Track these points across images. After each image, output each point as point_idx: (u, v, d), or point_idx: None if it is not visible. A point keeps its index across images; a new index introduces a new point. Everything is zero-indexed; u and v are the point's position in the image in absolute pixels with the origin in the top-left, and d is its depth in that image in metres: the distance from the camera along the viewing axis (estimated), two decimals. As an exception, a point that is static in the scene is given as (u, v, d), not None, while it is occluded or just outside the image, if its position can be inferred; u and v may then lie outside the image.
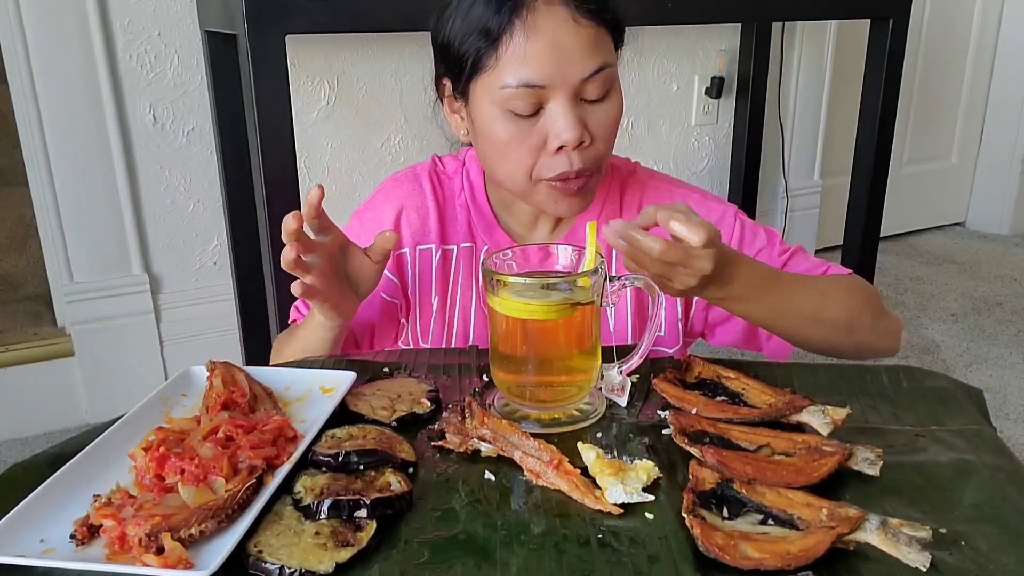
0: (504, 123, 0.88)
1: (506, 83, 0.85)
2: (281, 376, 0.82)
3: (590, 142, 0.88)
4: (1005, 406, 2.17)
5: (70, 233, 1.96)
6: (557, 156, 0.87)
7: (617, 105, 0.90)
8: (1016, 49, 3.33)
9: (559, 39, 0.84)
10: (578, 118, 0.86)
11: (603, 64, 0.86)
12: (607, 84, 0.87)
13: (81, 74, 1.86)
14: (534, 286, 0.75)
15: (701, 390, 0.79)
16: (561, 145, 0.86)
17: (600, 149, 0.89)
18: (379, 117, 2.16)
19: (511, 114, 0.87)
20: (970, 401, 0.79)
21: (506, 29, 0.84)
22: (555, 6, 0.84)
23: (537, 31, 0.83)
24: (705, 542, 0.56)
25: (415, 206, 1.03)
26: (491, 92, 0.87)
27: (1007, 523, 0.61)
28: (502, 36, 0.84)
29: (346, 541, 0.58)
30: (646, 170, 1.08)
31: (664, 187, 1.05)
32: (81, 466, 0.66)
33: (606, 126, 0.89)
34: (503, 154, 0.90)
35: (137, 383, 2.07)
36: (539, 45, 0.83)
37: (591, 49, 0.85)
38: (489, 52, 0.85)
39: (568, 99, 0.85)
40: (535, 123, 0.87)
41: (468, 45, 0.86)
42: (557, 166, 0.88)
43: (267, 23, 1.44)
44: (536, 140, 0.87)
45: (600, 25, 0.86)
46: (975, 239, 3.48)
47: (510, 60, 0.84)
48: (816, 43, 2.79)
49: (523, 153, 0.88)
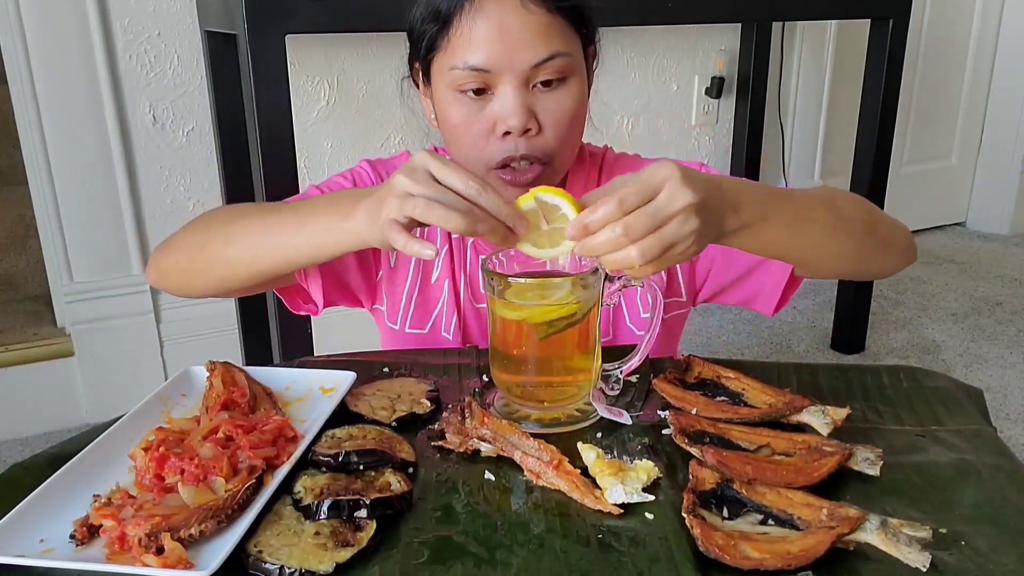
0: (456, 105, 0.88)
1: (455, 64, 0.86)
2: (281, 376, 0.82)
3: (537, 130, 0.87)
4: (1005, 406, 2.17)
5: (70, 233, 1.96)
6: (504, 141, 0.87)
7: (572, 95, 0.88)
8: (1016, 49, 3.33)
9: (506, 24, 0.84)
10: (523, 104, 0.86)
11: (553, 53, 0.85)
12: (561, 73, 0.86)
13: (81, 74, 1.86)
14: (534, 286, 0.75)
15: (701, 390, 0.79)
16: (507, 131, 0.86)
17: (549, 139, 0.88)
18: (379, 117, 2.16)
19: (462, 96, 0.87)
20: (970, 401, 0.79)
21: (455, 12, 0.85)
22: None
23: (485, 15, 0.84)
24: (705, 542, 0.56)
25: None
26: (444, 74, 0.88)
27: (1007, 523, 0.61)
28: (452, 19, 0.85)
29: (346, 541, 0.58)
30: (617, 153, 1.07)
31: (641, 161, 1.04)
32: (81, 466, 0.66)
33: (557, 115, 0.87)
34: (458, 138, 0.90)
35: (137, 383, 2.07)
36: (486, 29, 0.84)
37: (540, 36, 0.84)
38: (442, 34, 0.86)
39: (516, 85, 0.85)
40: (484, 106, 0.87)
41: (425, 27, 0.88)
42: (503, 152, 0.88)
43: (267, 23, 1.44)
44: (485, 124, 0.87)
45: (554, 12, 0.85)
46: (975, 239, 3.48)
47: (458, 43, 0.85)
48: (816, 43, 2.79)
49: (474, 137, 0.88)
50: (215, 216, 0.91)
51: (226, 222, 0.87)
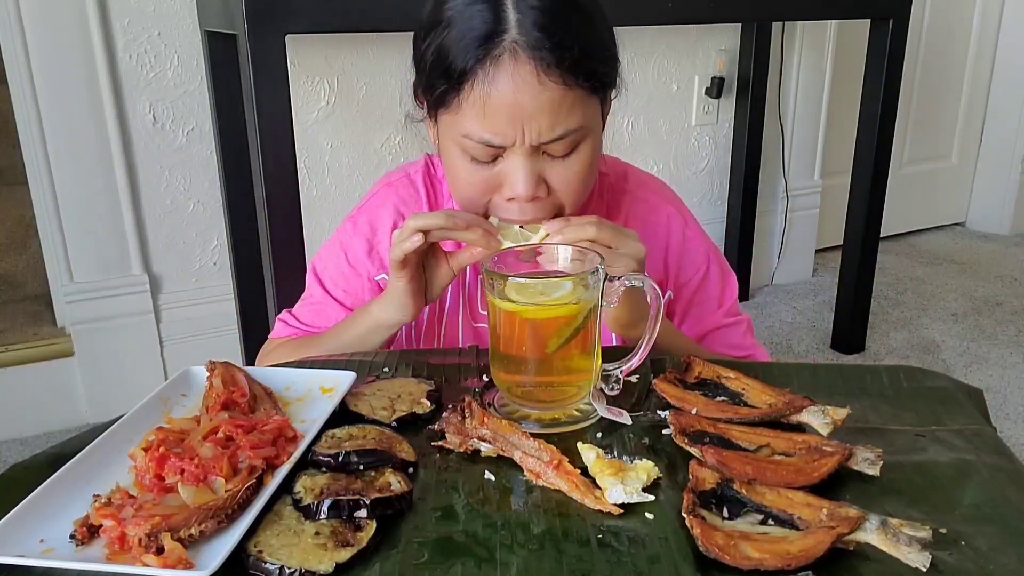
0: (463, 162, 0.86)
1: (464, 132, 0.83)
2: (281, 376, 0.82)
3: (546, 195, 0.86)
4: (1005, 406, 2.17)
5: (70, 233, 1.96)
6: (510, 204, 0.86)
7: (584, 160, 0.86)
8: (1016, 49, 3.33)
9: (520, 100, 0.80)
10: (533, 174, 0.84)
11: (567, 131, 0.82)
12: (575, 143, 0.84)
13: (81, 74, 1.86)
14: (534, 286, 0.75)
15: (701, 390, 0.79)
16: (513, 196, 0.85)
17: (558, 202, 0.87)
18: (379, 117, 2.16)
19: (469, 156, 0.85)
20: (970, 401, 0.79)
21: (469, 76, 0.80)
22: (520, 62, 0.79)
23: (498, 88, 0.79)
24: (705, 542, 0.56)
25: (411, 212, 1.02)
26: (451, 132, 0.85)
27: (1007, 523, 0.61)
28: (464, 83, 0.81)
29: (346, 541, 0.58)
30: (637, 176, 1.06)
31: (652, 201, 1.03)
32: (81, 466, 0.66)
33: (567, 179, 0.86)
34: (460, 186, 0.90)
35: (137, 383, 2.07)
36: (499, 103, 0.80)
37: (555, 113, 0.81)
38: (452, 95, 0.82)
39: (525, 156, 0.83)
40: (493, 167, 0.85)
41: (437, 78, 0.83)
42: (508, 212, 0.87)
43: (267, 23, 1.44)
44: (492, 182, 0.86)
45: (573, 87, 0.81)
46: (975, 239, 3.48)
47: (469, 111, 0.82)
48: (816, 43, 2.79)
49: (479, 191, 0.88)
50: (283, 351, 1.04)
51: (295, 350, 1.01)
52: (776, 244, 2.96)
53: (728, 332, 1.03)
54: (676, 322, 1.04)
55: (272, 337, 1.11)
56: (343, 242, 1.04)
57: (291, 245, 1.55)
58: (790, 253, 2.99)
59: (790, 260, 3.00)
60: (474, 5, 0.81)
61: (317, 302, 1.06)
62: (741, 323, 1.05)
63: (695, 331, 1.04)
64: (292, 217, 1.56)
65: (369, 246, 1.02)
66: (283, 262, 1.55)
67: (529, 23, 0.79)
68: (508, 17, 0.80)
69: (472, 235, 0.84)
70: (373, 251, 1.02)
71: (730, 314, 1.04)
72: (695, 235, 1.04)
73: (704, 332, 1.04)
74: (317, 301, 1.06)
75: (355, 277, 1.03)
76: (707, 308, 1.03)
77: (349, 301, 1.04)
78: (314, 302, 1.06)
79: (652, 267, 0.92)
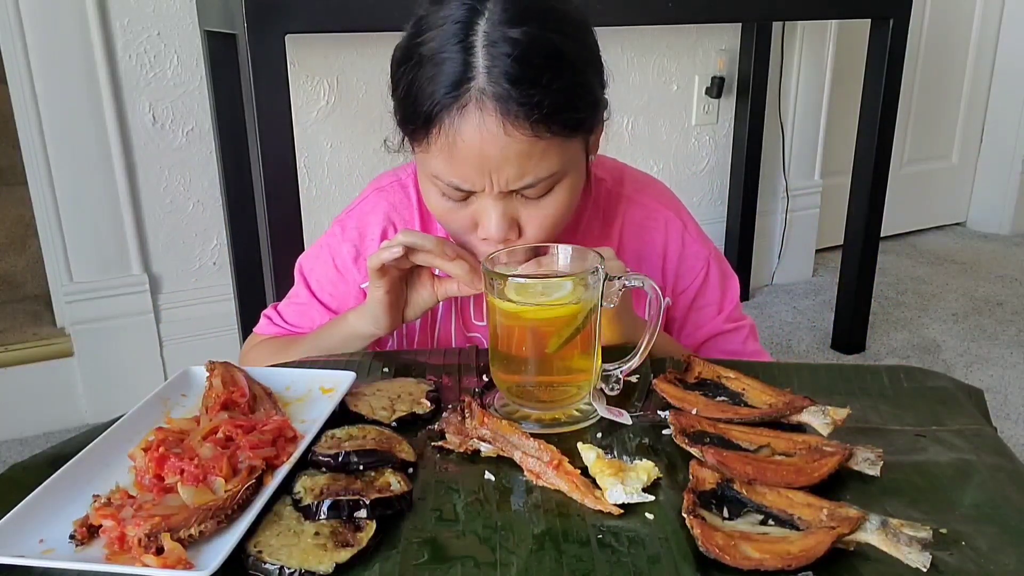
0: (437, 198, 0.86)
1: (435, 173, 0.82)
2: (281, 376, 0.82)
3: (518, 236, 0.85)
4: (1005, 406, 2.17)
5: (70, 233, 1.96)
6: (485, 242, 0.86)
7: (559, 201, 0.84)
8: (1016, 49, 3.33)
9: (485, 150, 0.77)
10: (505, 217, 0.82)
11: (537, 179, 0.80)
12: (548, 187, 0.82)
13: (81, 74, 1.86)
14: (534, 286, 0.75)
15: (701, 390, 0.79)
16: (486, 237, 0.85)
17: (531, 241, 0.85)
18: (379, 117, 2.14)
19: (443, 194, 0.84)
20: (970, 401, 0.79)
21: (436, 122, 0.78)
22: (487, 112, 0.76)
23: (463, 138, 0.77)
24: (705, 542, 0.56)
25: (402, 220, 1.01)
26: (424, 167, 0.85)
27: (1007, 523, 0.61)
28: (431, 127, 0.79)
29: (346, 541, 0.58)
30: (634, 179, 1.04)
31: (650, 206, 1.02)
32: (81, 466, 0.66)
33: (540, 221, 0.84)
34: (439, 218, 0.90)
35: (137, 383, 2.07)
36: (464, 152, 0.78)
37: (523, 163, 0.79)
38: (421, 134, 0.81)
39: (495, 199, 0.82)
40: (466, 205, 0.84)
41: (408, 115, 0.82)
42: (484, 250, 0.85)
43: (267, 23, 1.44)
44: (467, 221, 0.85)
45: (543, 136, 0.78)
46: (976, 239, 3.48)
47: (437, 155, 0.80)
48: (816, 43, 2.79)
49: (455, 228, 0.88)
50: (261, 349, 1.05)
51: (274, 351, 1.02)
52: (776, 244, 2.96)
53: (727, 338, 1.03)
54: (675, 328, 1.04)
55: (256, 332, 1.11)
56: (331, 246, 1.04)
57: (291, 245, 1.55)
58: (790, 253, 2.99)
59: (790, 260, 3.00)
60: (446, 47, 0.78)
61: (302, 303, 1.06)
62: (742, 328, 1.04)
63: (694, 338, 1.03)
64: (292, 217, 1.56)
65: (356, 252, 1.02)
66: (283, 262, 1.55)
67: (498, 72, 0.76)
68: (477, 64, 0.76)
69: (456, 269, 0.84)
70: (360, 257, 1.01)
71: (730, 319, 1.03)
72: (694, 240, 1.03)
73: (703, 339, 1.03)
74: (302, 302, 1.06)
75: (342, 282, 1.03)
76: (706, 314, 1.03)
77: (335, 304, 1.04)
78: (299, 303, 1.06)
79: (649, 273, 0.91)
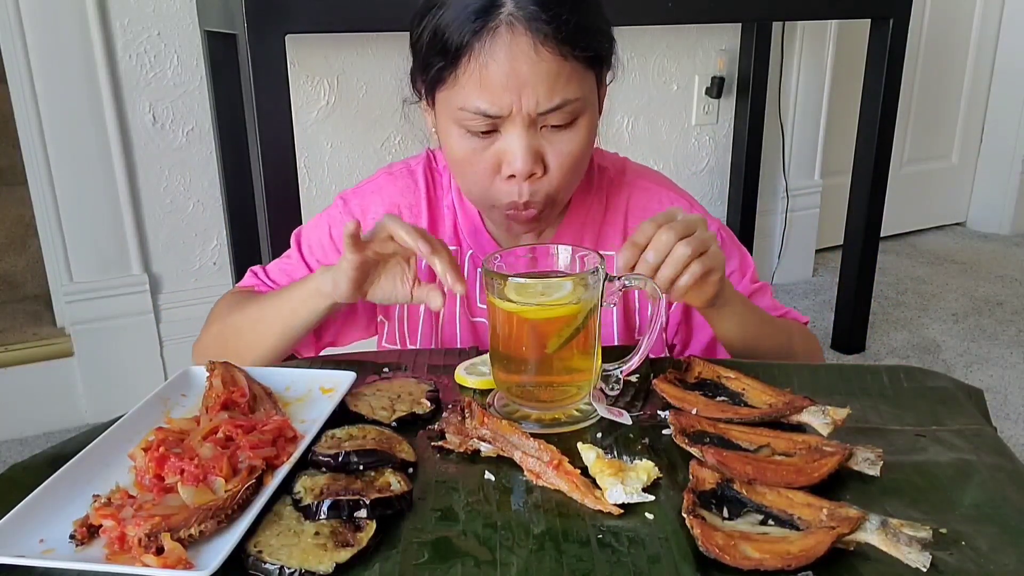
0: (460, 140, 0.86)
1: (462, 105, 0.83)
2: (281, 376, 0.82)
3: (543, 172, 0.86)
4: (1005, 406, 2.17)
5: (70, 233, 1.96)
6: (509, 183, 0.86)
7: (581, 136, 0.87)
8: (1016, 49, 3.33)
9: (517, 69, 0.80)
10: (531, 148, 0.84)
11: (565, 100, 0.83)
12: (572, 116, 0.85)
13: (81, 74, 1.86)
14: (534, 286, 0.75)
15: (701, 390, 0.79)
16: (512, 174, 0.85)
17: (555, 181, 0.87)
18: (379, 117, 2.16)
19: (467, 132, 0.85)
20: (970, 401, 0.79)
21: (466, 51, 0.81)
22: (518, 33, 0.80)
23: (495, 59, 0.80)
24: (705, 542, 0.56)
25: (408, 204, 1.02)
26: (449, 108, 0.86)
27: (1007, 523, 0.61)
28: (461, 57, 0.82)
29: (346, 541, 0.58)
30: (636, 168, 1.06)
31: (653, 189, 1.03)
32: (81, 466, 0.66)
33: (564, 156, 0.86)
34: (461, 171, 0.90)
35: (137, 383, 2.07)
36: (496, 73, 0.81)
37: (552, 83, 0.82)
38: (449, 69, 0.83)
39: (523, 127, 0.83)
40: (490, 145, 0.85)
41: (433, 56, 0.84)
42: (507, 195, 0.87)
43: (267, 23, 1.44)
44: (490, 163, 0.86)
45: (568, 58, 0.82)
46: (976, 239, 3.48)
47: (466, 83, 0.82)
48: (816, 43, 2.79)
49: (478, 174, 0.88)
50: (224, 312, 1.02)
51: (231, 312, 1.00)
52: (776, 244, 2.96)
53: (756, 300, 1.01)
54: None
55: (239, 286, 1.10)
56: (330, 216, 1.04)
57: (291, 245, 1.55)
58: (790, 253, 2.99)
59: (790, 260, 3.00)
60: None
61: (290, 263, 1.06)
62: (766, 288, 1.04)
63: None
64: (292, 217, 1.56)
65: None
66: (283, 262, 1.56)
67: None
68: None
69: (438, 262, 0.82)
70: None
71: (754, 280, 1.03)
72: (701, 211, 1.03)
73: None
74: (290, 263, 1.06)
75: (334, 253, 1.03)
76: (733, 279, 1.01)
77: None
78: (287, 263, 1.06)
79: None
